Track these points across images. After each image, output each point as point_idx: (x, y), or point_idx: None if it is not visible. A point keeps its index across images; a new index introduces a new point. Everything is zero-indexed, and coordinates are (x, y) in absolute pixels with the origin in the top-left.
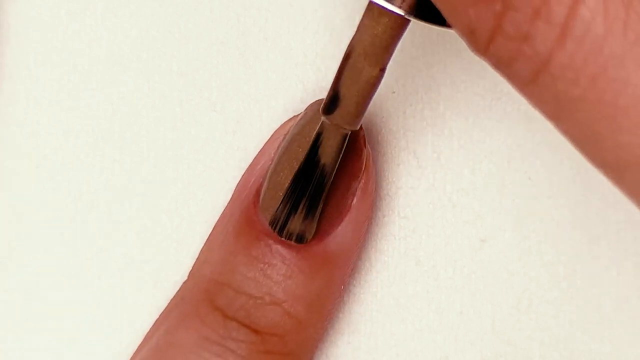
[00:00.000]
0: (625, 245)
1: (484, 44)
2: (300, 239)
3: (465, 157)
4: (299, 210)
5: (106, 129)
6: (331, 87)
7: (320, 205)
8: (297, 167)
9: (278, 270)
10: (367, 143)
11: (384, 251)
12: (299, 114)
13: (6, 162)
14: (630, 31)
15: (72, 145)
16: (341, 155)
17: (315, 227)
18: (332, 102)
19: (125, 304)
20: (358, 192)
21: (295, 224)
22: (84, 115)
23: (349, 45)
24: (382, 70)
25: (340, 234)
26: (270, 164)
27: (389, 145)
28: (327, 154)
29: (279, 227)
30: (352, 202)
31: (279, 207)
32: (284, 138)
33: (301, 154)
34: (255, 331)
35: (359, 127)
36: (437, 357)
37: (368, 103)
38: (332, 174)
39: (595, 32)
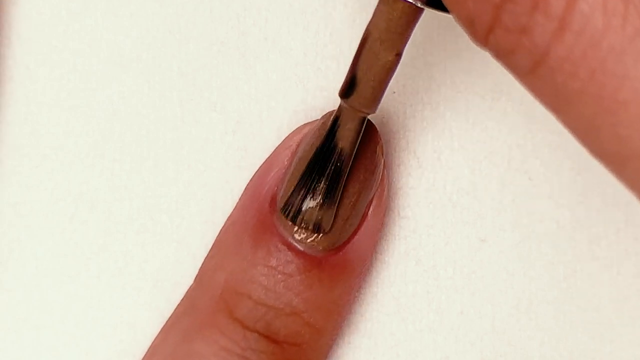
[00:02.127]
0: (625, 245)
1: (484, 35)
2: (317, 229)
3: (465, 157)
4: (316, 197)
5: (106, 129)
6: (349, 70)
7: (339, 193)
8: (313, 152)
9: (298, 282)
10: (384, 153)
11: (384, 251)
12: (313, 121)
13: (6, 162)
14: (629, 25)
15: (72, 145)
16: (359, 141)
17: (333, 216)
18: (349, 86)
19: (125, 303)
20: (374, 201)
21: (312, 212)
22: (84, 115)
23: (365, 30)
24: (398, 55)
25: (358, 242)
26: (286, 172)
27: (389, 145)
28: (345, 138)
29: (292, 215)
30: (368, 211)
31: (292, 192)
32: (298, 146)
33: None
34: (275, 341)
35: (376, 111)
36: (437, 357)
37: (385, 87)
38: (350, 158)
39: (594, 26)
